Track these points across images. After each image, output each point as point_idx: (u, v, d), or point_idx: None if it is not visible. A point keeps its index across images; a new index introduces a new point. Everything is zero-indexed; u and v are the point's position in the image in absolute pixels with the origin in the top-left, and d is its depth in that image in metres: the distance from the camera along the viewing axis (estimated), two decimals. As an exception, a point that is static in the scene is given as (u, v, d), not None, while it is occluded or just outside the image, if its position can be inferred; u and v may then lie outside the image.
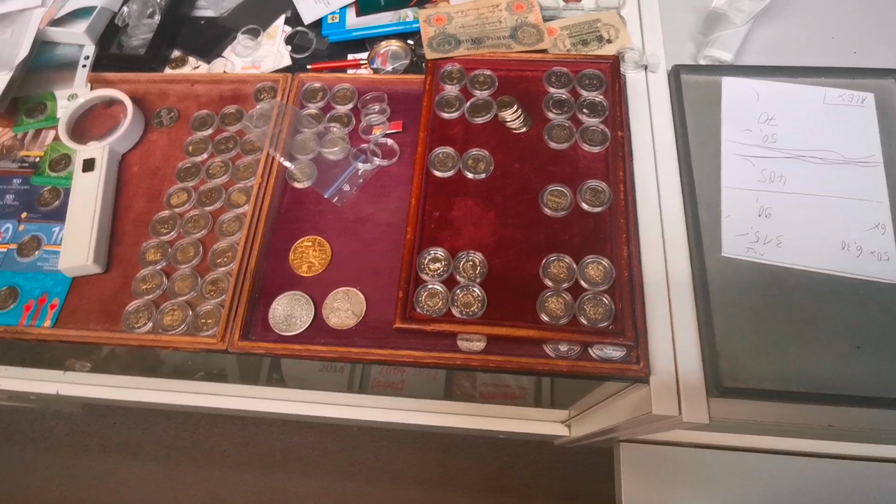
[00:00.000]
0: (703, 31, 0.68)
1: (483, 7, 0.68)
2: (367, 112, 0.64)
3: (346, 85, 0.66)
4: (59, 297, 0.58)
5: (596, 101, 0.61)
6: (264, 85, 0.67)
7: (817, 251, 0.55)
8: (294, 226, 0.60)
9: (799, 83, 0.64)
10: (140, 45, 0.71)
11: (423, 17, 0.68)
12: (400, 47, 0.69)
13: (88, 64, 0.69)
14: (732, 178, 0.59)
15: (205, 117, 0.67)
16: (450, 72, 0.64)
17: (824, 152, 0.60)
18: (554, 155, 0.59)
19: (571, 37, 0.67)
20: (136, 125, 0.66)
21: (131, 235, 0.61)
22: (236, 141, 0.65)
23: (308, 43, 0.71)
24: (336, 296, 0.56)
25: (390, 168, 0.62)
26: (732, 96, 0.64)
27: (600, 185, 0.56)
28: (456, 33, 0.66)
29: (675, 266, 0.56)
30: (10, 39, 0.67)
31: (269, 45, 0.72)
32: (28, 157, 0.66)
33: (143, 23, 0.71)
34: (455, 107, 0.62)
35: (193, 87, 0.69)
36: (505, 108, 0.61)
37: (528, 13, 0.67)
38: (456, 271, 0.54)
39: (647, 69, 0.66)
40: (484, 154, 0.59)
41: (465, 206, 0.57)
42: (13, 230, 0.62)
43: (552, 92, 0.62)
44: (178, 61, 0.72)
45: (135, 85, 0.69)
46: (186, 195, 0.62)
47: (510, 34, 0.66)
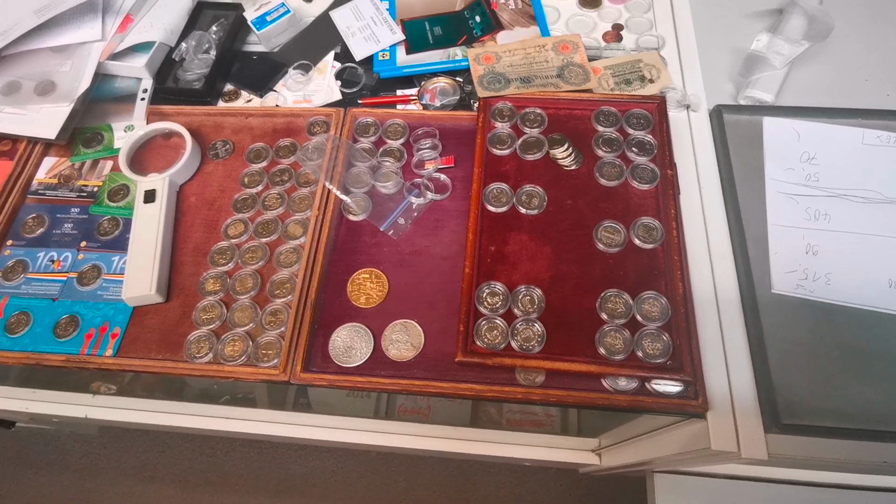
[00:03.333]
0: (742, 73, 0.71)
1: (530, 47, 0.71)
2: (420, 147, 0.66)
3: (397, 120, 0.68)
4: (120, 325, 0.59)
5: (644, 139, 0.63)
6: (317, 119, 0.69)
7: (866, 289, 0.56)
8: (351, 258, 0.61)
9: (838, 124, 0.66)
10: (196, 79, 0.73)
11: (472, 55, 0.70)
12: (449, 84, 0.71)
13: (147, 97, 0.71)
14: (778, 215, 0.61)
15: (260, 149, 0.68)
16: (501, 109, 0.66)
17: (866, 191, 0.62)
18: (605, 192, 0.61)
19: (615, 76, 0.70)
20: (194, 157, 0.67)
21: (190, 265, 0.62)
22: (291, 173, 0.67)
23: (358, 78, 0.74)
24: (394, 328, 0.57)
25: (443, 202, 0.64)
26: (774, 136, 0.66)
27: (653, 223, 0.58)
28: (505, 72, 0.69)
29: (726, 301, 0.57)
30: (69, 72, 0.69)
31: (319, 79, 0.74)
32: (86, 186, 0.68)
33: (199, 57, 0.73)
34: (507, 144, 0.64)
35: (248, 120, 0.71)
36: (556, 145, 0.63)
37: (573, 53, 0.70)
38: (514, 305, 0.55)
39: (688, 108, 0.69)
40: (537, 190, 0.61)
41: (520, 240, 0.59)
42: (72, 259, 0.63)
43: (601, 130, 0.64)
44: (231, 95, 0.74)
45: (190, 117, 0.71)
46: (243, 226, 0.63)
47: (557, 73, 0.68)
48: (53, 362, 0.57)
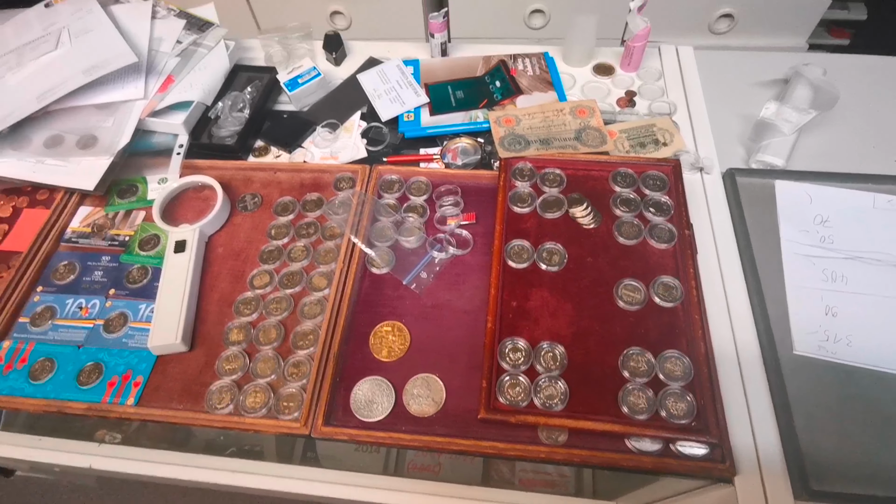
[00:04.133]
0: (752, 138, 0.74)
1: (548, 111, 0.74)
2: (442, 204, 0.69)
3: (421, 178, 0.71)
4: (143, 374, 0.59)
5: (661, 200, 0.65)
6: (344, 175, 0.72)
7: (888, 352, 0.56)
8: (374, 310, 0.62)
9: (849, 188, 0.68)
10: (229, 136, 0.76)
11: (493, 118, 0.74)
12: (470, 144, 0.75)
13: (182, 152, 0.74)
14: (795, 276, 0.62)
15: (287, 203, 0.71)
16: (521, 169, 0.69)
17: (881, 254, 0.63)
18: (624, 250, 0.62)
19: (630, 139, 0.73)
20: (224, 209, 0.70)
21: (215, 315, 0.63)
22: (317, 227, 0.69)
23: (383, 137, 0.77)
24: (416, 382, 0.57)
25: (465, 257, 0.65)
26: (787, 198, 0.68)
27: (672, 282, 0.59)
28: (525, 134, 0.72)
29: (748, 362, 0.57)
30: (111, 127, 0.73)
31: (346, 137, 0.77)
32: (118, 235, 0.70)
33: (233, 115, 0.77)
34: (527, 202, 0.66)
35: (276, 175, 0.74)
36: (576, 204, 0.65)
37: (590, 117, 0.73)
38: (536, 361, 0.55)
39: (702, 171, 0.71)
40: (557, 247, 0.62)
41: (542, 296, 0.60)
42: (100, 306, 0.64)
43: (618, 191, 0.67)
44: (261, 150, 0.78)
45: (222, 171, 0.74)
46: (269, 277, 0.65)
47: (575, 136, 0.71)
48: (75, 410, 0.57)
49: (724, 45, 1.49)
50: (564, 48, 0.84)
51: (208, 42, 0.82)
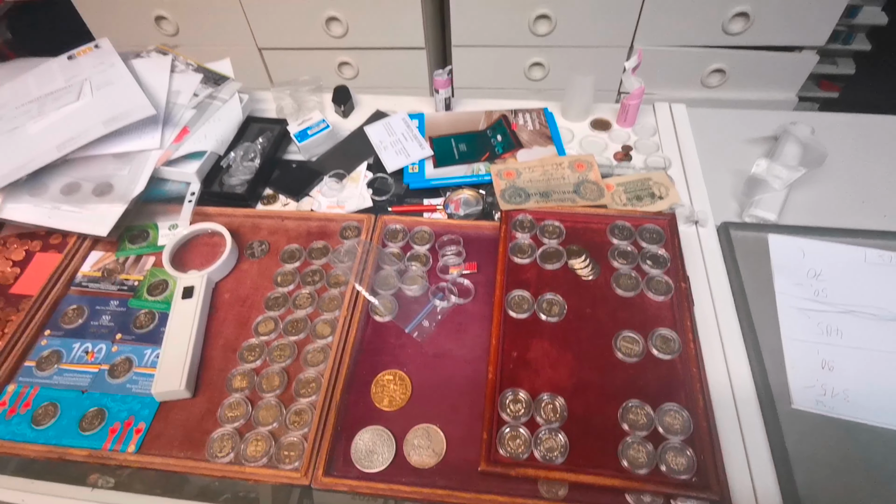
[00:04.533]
0: (745, 193, 0.76)
1: (548, 165, 0.77)
2: (444, 253, 0.70)
3: (424, 227, 0.73)
4: (145, 420, 0.59)
5: (658, 253, 0.67)
6: (349, 224, 0.75)
7: (885, 407, 0.57)
8: (376, 358, 0.63)
9: (841, 242, 0.70)
10: (239, 184, 0.79)
11: (495, 171, 0.77)
12: (472, 195, 0.77)
13: (194, 199, 0.76)
14: (791, 329, 0.63)
15: (294, 251, 0.73)
16: (521, 221, 0.71)
17: (874, 308, 0.64)
18: (622, 302, 0.64)
19: (627, 192, 0.75)
20: (232, 256, 0.72)
21: (219, 361, 0.64)
22: (322, 274, 0.70)
23: (388, 187, 0.80)
24: (416, 432, 0.57)
25: (466, 306, 0.67)
26: (780, 252, 0.70)
27: (670, 334, 0.60)
28: (525, 187, 0.75)
29: (747, 415, 0.57)
30: (127, 175, 0.76)
31: (352, 187, 0.80)
32: (127, 280, 0.71)
33: (244, 165, 0.80)
34: (527, 253, 0.68)
35: (284, 223, 0.76)
36: (575, 256, 0.67)
37: (588, 171, 0.76)
38: (537, 413, 0.56)
39: (697, 224, 0.73)
40: (557, 298, 0.64)
41: (542, 347, 0.61)
42: (106, 350, 0.65)
43: (616, 243, 0.69)
44: (270, 198, 0.80)
45: (231, 218, 0.77)
46: (273, 324, 0.66)
47: (574, 189, 0.74)
48: (76, 457, 0.57)
49: (716, 98, 1.54)
50: (563, 104, 0.88)
51: (223, 95, 0.86)
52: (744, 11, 1.35)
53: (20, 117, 0.81)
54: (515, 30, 1.44)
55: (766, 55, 1.45)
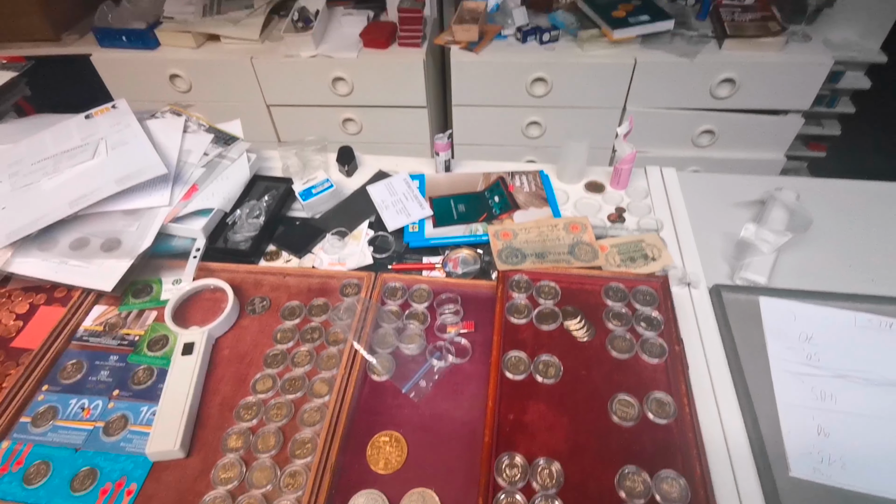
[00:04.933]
0: (735, 256, 0.78)
1: (544, 226, 0.80)
2: (442, 312, 0.72)
3: (423, 285, 0.75)
4: (137, 481, 0.59)
5: (652, 315, 0.68)
6: (350, 281, 0.76)
7: (883, 475, 0.57)
8: (372, 419, 0.63)
9: (831, 306, 0.71)
10: (243, 241, 0.81)
11: (492, 231, 0.79)
12: (470, 255, 0.79)
13: (199, 255, 0.78)
14: (785, 394, 0.64)
15: (294, 307, 0.74)
16: (518, 281, 0.73)
17: (866, 373, 0.65)
18: (617, 364, 0.65)
19: (621, 254, 0.78)
20: (234, 312, 0.73)
21: (215, 419, 0.64)
22: (321, 331, 0.71)
23: (388, 245, 0.82)
24: (412, 497, 0.57)
25: (463, 366, 0.67)
26: (771, 315, 0.71)
27: (665, 398, 0.61)
28: (521, 247, 0.77)
29: (744, 481, 0.57)
30: (136, 232, 0.78)
31: (353, 245, 0.82)
32: (128, 335, 0.72)
33: (249, 222, 0.83)
34: (524, 313, 0.69)
35: (285, 279, 0.78)
36: (570, 317, 0.68)
37: (582, 233, 0.79)
38: (533, 478, 0.55)
39: (689, 286, 0.75)
40: (553, 360, 0.65)
41: (538, 409, 0.61)
42: (103, 407, 0.65)
43: (610, 305, 0.70)
44: (273, 255, 0.82)
45: (234, 274, 0.78)
46: (271, 382, 0.66)
47: (569, 251, 0.76)
48: (65, 519, 0.56)
49: (707, 157, 1.60)
50: (558, 167, 0.92)
51: (232, 154, 0.90)
52: (730, 78, 1.42)
53: (35, 173, 0.84)
54: (513, 91, 1.51)
55: (753, 118, 1.51)
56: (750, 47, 1.41)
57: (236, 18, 1.57)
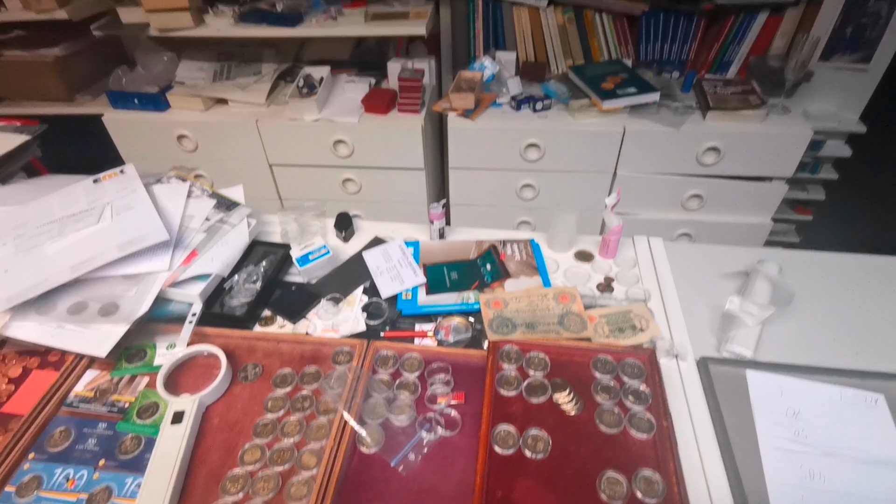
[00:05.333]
0: (721, 327, 0.80)
1: (534, 295, 0.82)
2: (433, 382, 0.72)
3: (414, 354, 0.76)
4: (117, 559, 0.57)
5: (640, 389, 0.69)
6: (342, 349, 0.77)
7: (875, 562, 0.56)
8: (360, 492, 0.62)
9: (817, 381, 0.72)
10: (239, 306, 0.83)
11: (484, 300, 0.81)
12: (462, 323, 0.81)
13: (195, 320, 0.80)
14: (775, 472, 0.63)
15: (286, 375, 0.75)
16: (508, 352, 0.74)
17: (854, 451, 0.65)
18: (606, 439, 0.65)
19: (609, 324, 0.79)
20: (226, 379, 0.73)
21: (200, 491, 0.63)
22: (312, 400, 0.71)
23: (382, 312, 0.83)
24: (397, 579, 0.55)
25: (452, 438, 0.67)
26: (758, 389, 0.72)
27: (653, 476, 0.60)
28: (512, 317, 0.78)
29: (736, 568, 0.56)
30: (134, 296, 0.80)
31: (347, 311, 0.84)
32: (118, 401, 0.72)
33: (246, 287, 0.85)
34: (514, 385, 0.70)
35: (279, 346, 0.79)
36: (559, 390, 0.69)
37: (571, 303, 0.80)
38: (520, 561, 0.55)
39: (677, 357, 0.76)
40: (542, 434, 0.65)
41: (527, 486, 0.61)
42: (87, 477, 0.65)
43: (599, 377, 0.71)
44: (268, 320, 0.83)
45: (228, 339, 0.79)
46: (260, 453, 0.66)
47: (558, 321, 0.78)
48: None
49: (696, 220, 1.64)
50: (549, 237, 0.95)
51: (233, 220, 0.92)
52: (714, 147, 1.49)
53: (41, 236, 0.86)
54: (508, 156, 1.56)
55: (739, 184, 1.56)
56: (732, 119, 1.48)
57: (244, 84, 1.65)
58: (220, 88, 1.64)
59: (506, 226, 1.75)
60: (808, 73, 1.54)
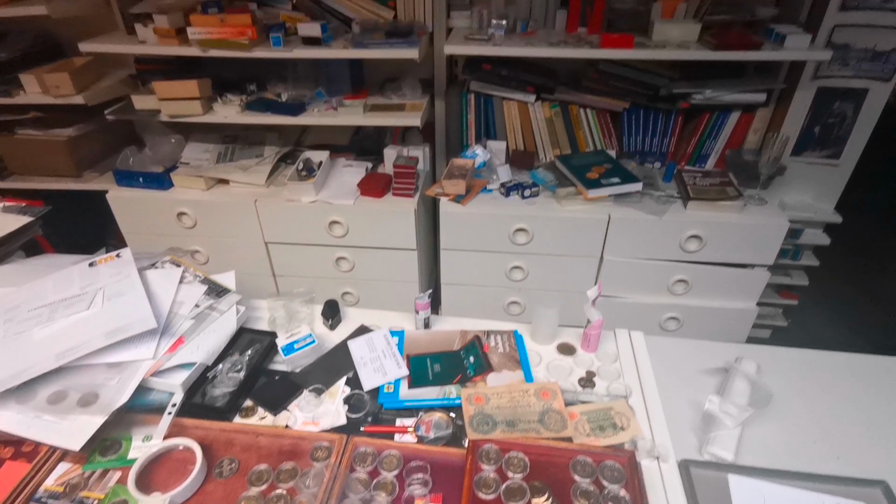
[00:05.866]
0: (702, 428, 0.80)
1: (515, 391, 0.82)
2: (411, 482, 0.71)
3: (393, 451, 0.75)
4: None
5: (619, 495, 0.68)
6: (321, 444, 0.76)
7: None
8: None
9: (798, 487, 0.71)
10: (221, 396, 0.83)
11: (465, 395, 0.81)
12: (443, 418, 0.80)
13: (174, 411, 0.79)
14: (759, 590, 0.61)
15: (262, 472, 0.73)
16: (487, 452, 0.73)
17: (841, 568, 0.63)
18: (585, 551, 0.63)
19: (590, 422, 0.79)
20: (200, 476, 0.72)
21: None
22: (287, 500, 0.70)
23: (363, 405, 0.83)
24: None
25: (428, 546, 0.65)
26: (741, 495, 0.71)
27: None
28: (493, 414, 0.78)
29: None
30: (115, 385, 0.80)
31: (329, 402, 0.84)
32: (87, 498, 0.70)
33: (229, 376, 0.85)
34: (492, 488, 0.69)
35: (257, 439, 0.78)
36: (538, 494, 0.68)
37: (552, 400, 0.81)
38: None
39: (658, 459, 0.75)
40: (519, 544, 0.63)
41: None
42: (46, 585, 0.62)
43: (578, 481, 0.70)
44: (248, 410, 0.83)
45: (206, 432, 0.78)
46: (228, 559, 0.64)
47: (539, 419, 0.78)
48: None
49: (683, 304, 1.66)
50: (532, 329, 0.96)
51: (222, 307, 0.94)
52: (696, 234, 1.54)
53: (30, 321, 0.87)
54: (497, 239, 1.61)
55: (722, 270, 1.60)
56: (712, 209, 1.54)
57: (246, 165, 1.72)
58: (223, 169, 1.71)
59: (496, 306, 1.77)
60: (781, 168, 1.62)
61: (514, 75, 1.65)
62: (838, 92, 1.54)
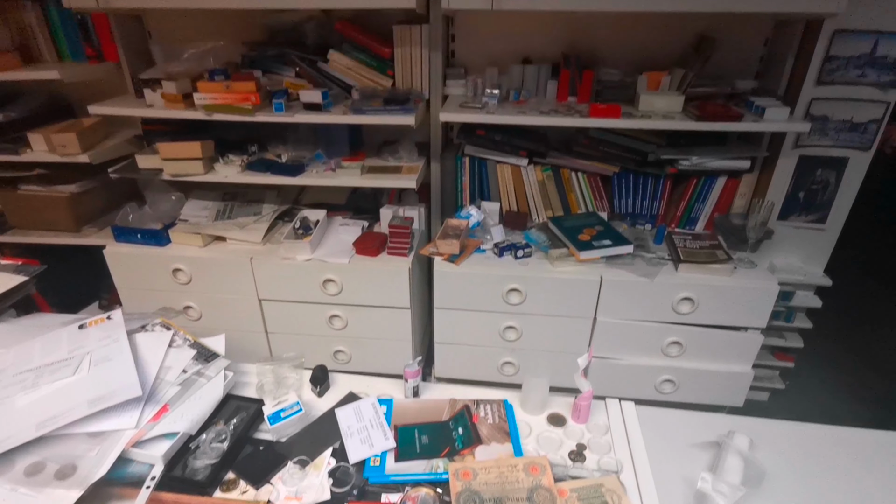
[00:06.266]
0: (695, 507, 0.78)
1: (503, 466, 0.80)
2: (394, 566, 0.69)
3: (377, 531, 0.73)
4: None
5: (610, 583, 0.65)
6: (303, 522, 0.74)
7: None
8: None
9: (795, 576, 0.69)
10: (203, 468, 0.81)
11: (453, 470, 0.79)
12: (429, 494, 0.78)
13: (153, 485, 0.77)
14: None
15: (240, 553, 0.71)
16: (474, 533, 0.71)
17: None
18: None
19: (580, 500, 0.77)
20: (175, 558, 0.69)
21: None
22: (264, 586, 0.67)
23: (348, 478, 0.81)
24: None
25: None
26: (737, 584, 0.68)
27: None
28: (480, 490, 0.76)
29: None
30: (94, 456, 0.78)
31: (313, 475, 0.82)
32: (57, 581, 0.68)
33: (212, 446, 0.83)
34: (478, 574, 0.66)
35: (237, 516, 0.76)
36: (525, 582, 0.65)
37: (541, 476, 0.79)
38: None
39: (652, 542, 0.73)
40: None
41: None
42: None
43: (568, 566, 0.67)
44: (230, 484, 0.81)
45: (185, 507, 0.76)
46: None
47: (527, 496, 0.76)
48: None
49: (678, 367, 1.65)
50: (522, 398, 0.95)
51: (210, 372, 0.93)
52: (688, 297, 1.55)
53: (14, 386, 0.86)
54: (490, 299, 1.62)
55: (715, 332, 1.60)
56: (702, 271, 1.56)
57: (244, 223, 1.75)
58: (221, 227, 1.73)
59: (489, 366, 1.75)
60: (768, 231, 1.66)
61: (507, 140, 1.71)
62: (820, 160, 1.60)
